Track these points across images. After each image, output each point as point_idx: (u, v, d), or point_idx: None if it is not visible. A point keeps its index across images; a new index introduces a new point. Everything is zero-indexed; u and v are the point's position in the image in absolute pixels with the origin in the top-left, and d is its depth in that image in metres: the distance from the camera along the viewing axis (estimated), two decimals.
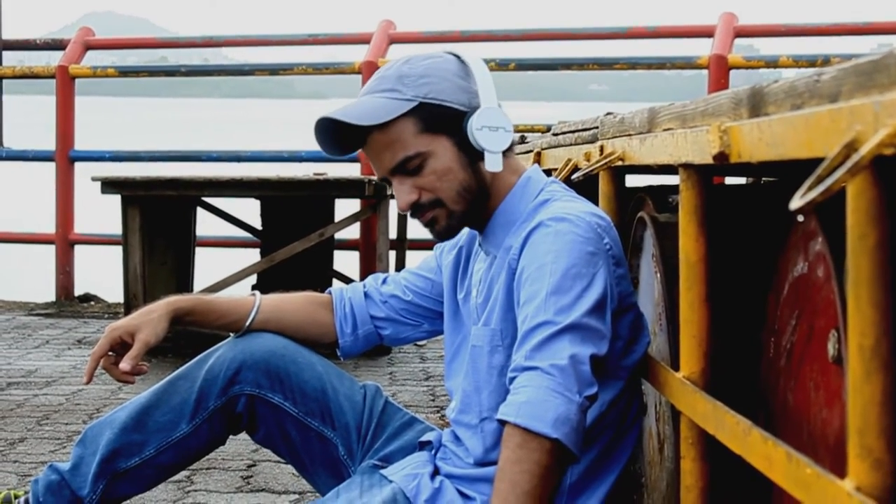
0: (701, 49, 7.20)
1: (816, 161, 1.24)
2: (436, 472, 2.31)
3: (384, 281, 2.54)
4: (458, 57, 2.26)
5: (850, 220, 1.22)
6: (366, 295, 2.52)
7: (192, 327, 2.48)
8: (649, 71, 7.56)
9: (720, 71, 6.91)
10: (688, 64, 7.27)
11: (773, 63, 7.18)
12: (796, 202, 1.16)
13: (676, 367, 2.02)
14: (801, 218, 1.31)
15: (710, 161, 1.67)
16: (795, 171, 1.61)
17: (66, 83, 7.80)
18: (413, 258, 6.93)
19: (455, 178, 2.22)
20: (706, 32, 7.28)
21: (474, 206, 2.25)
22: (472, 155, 2.22)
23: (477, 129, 2.19)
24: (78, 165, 7.81)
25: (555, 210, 2.16)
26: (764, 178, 3.04)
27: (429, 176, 2.21)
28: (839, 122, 1.22)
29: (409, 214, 2.26)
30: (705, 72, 7.01)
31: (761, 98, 1.55)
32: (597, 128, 2.70)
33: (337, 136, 2.27)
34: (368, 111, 2.19)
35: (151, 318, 2.40)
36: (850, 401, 1.23)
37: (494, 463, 2.16)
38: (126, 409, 2.45)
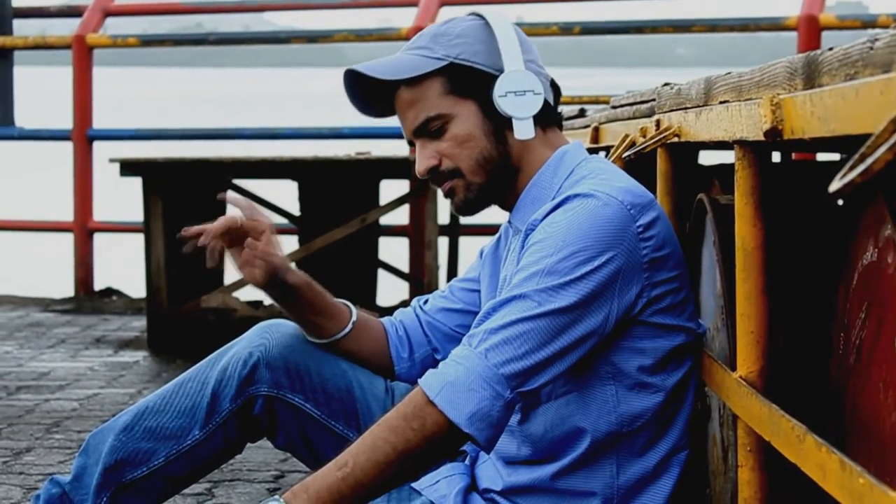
0: (790, 7, 7.13)
1: None
2: (472, 484, 2.33)
3: (426, 301, 2.57)
4: (482, 17, 2.30)
5: None
6: (417, 316, 2.55)
7: (281, 305, 2.49)
8: (743, 33, 7.49)
9: (811, 32, 6.84)
10: (774, 25, 7.20)
11: (870, 23, 7.09)
12: (835, 184, 1.17)
13: (734, 367, 2.03)
14: (840, 202, 1.32)
15: (762, 137, 1.69)
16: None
17: (83, 54, 7.83)
18: (466, 245, 6.96)
19: (476, 146, 2.27)
20: None
21: (496, 179, 2.29)
22: (500, 123, 2.27)
23: (500, 96, 2.24)
24: (97, 145, 7.88)
25: (586, 186, 2.19)
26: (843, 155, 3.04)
27: (448, 141, 2.27)
28: (889, 95, 1.23)
29: (429, 181, 2.31)
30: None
31: (816, 67, 1.56)
32: (654, 100, 2.71)
33: (369, 94, 2.35)
34: (395, 66, 2.28)
35: None
36: None
37: (523, 461, 2.21)
38: (130, 413, 2.47)
